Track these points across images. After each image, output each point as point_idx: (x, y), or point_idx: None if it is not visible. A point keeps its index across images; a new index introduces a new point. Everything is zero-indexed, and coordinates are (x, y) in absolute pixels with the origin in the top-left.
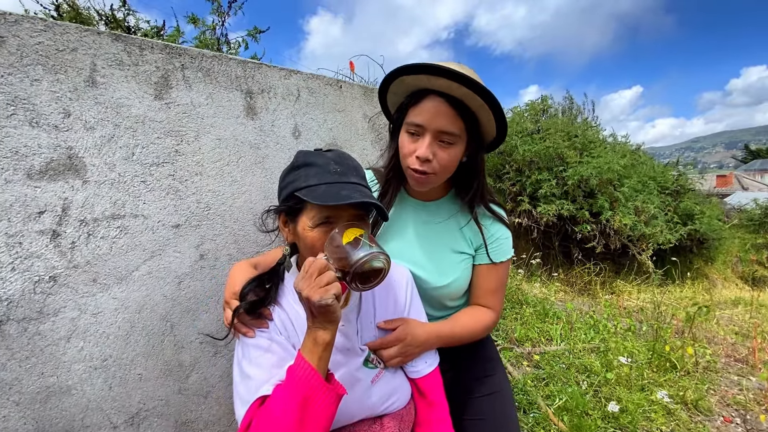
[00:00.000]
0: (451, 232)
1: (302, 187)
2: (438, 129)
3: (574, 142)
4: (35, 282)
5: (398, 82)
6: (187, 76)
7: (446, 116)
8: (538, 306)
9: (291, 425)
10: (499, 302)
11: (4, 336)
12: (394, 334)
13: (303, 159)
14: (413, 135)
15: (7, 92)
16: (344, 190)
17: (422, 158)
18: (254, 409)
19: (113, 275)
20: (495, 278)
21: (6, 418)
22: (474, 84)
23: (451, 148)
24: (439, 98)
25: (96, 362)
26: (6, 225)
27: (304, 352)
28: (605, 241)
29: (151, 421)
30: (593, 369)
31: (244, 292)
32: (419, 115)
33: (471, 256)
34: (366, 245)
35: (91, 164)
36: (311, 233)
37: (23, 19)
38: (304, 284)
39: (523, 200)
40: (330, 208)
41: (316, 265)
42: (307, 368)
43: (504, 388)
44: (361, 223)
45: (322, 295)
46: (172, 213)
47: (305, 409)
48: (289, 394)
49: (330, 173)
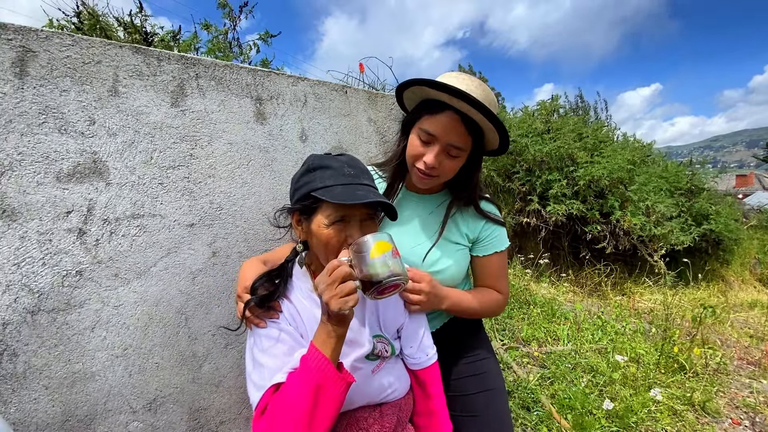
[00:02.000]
0: (447, 224)
1: (319, 187)
2: (449, 142)
3: (586, 142)
4: (63, 276)
5: (416, 90)
6: (201, 84)
7: (458, 133)
8: (545, 306)
9: (305, 410)
10: (504, 286)
11: (35, 325)
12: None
13: (318, 162)
14: (423, 141)
15: (39, 102)
16: (359, 191)
17: (429, 165)
18: (269, 394)
19: (133, 270)
20: (495, 267)
21: (36, 401)
22: (490, 114)
23: (457, 159)
24: (456, 115)
25: (117, 351)
26: (38, 223)
27: (317, 343)
28: (615, 241)
29: (167, 407)
30: (599, 369)
31: (254, 286)
32: (433, 125)
33: (466, 248)
34: (389, 264)
35: (114, 168)
36: (326, 231)
37: (53, 35)
38: (326, 289)
39: (533, 200)
40: (345, 208)
41: (340, 272)
42: (321, 358)
43: (498, 385)
44: (372, 223)
45: (341, 306)
46: (186, 213)
47: (318, 395)
48: (303, 382)
49: (344, 175)
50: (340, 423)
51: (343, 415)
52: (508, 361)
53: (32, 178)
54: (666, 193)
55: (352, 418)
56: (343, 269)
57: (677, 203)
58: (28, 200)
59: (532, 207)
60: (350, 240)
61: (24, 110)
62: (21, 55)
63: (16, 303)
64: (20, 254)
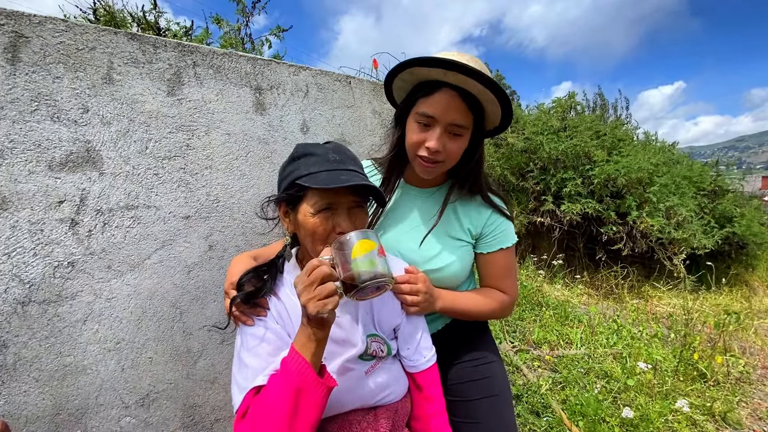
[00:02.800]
0: (448, 219)
1: (303, 174)
2: (450, 122)
3: (603, 140)
4: (55, 267)
5: (408, 73)
6: (199, 73)
7: (458, 109)
8: (558, 309)
9: (285, 414)
10: (510, 286)
11: (26, 316)
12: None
13: (302, 150)
14: (423, 125)
15: (32, 89)
16: (343, 175)
17: (433, 149)
18: (250, 397)
19: (126, 263)
20: (501, 264)
21: (26, 393)
22: (489, 81)
23: (460, 139)
24: (453, 91)
25: (110, 344)
26: (29, 213)
27: (297, 345)
28: (632, 243)
29: (161, 403)
30: (613, 375)
31: (241, 282)
32: (431, 106)
33: (469, 244)
34: (373, 265)
35: (108, 157)
36: (312, 220)
37: (46, 20)
38: (304, 290)
39: (547, 199)
40: (330, 195)
41: (319, 273)
42: (301, 362)
43: (503, 391)
44: (361, 211)
45: (319, 309)
46: (182, 205)
47: (298, 399)
48: (283, 386)
49: (329, 161)
50: (332, 426)
51: (336, 417)
52: (518, 364)
53: (24, 166)
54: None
55: (345, 422)
56: (322, 269)
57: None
58: (20, 189)
59: (547, 207)
60: (338, 229)
61: (16, 97)
62: (13, 40)
63: (6, 293)
64: (11, 244)
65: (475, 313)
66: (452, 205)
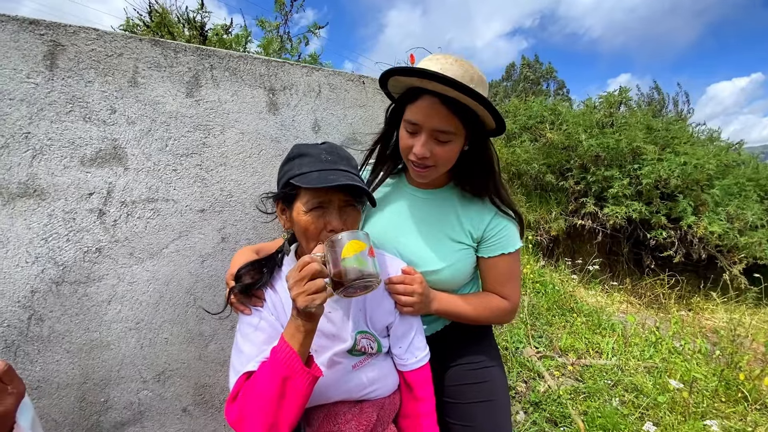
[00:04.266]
0: (449, 220)
1: (296, 174)
2: (433, 128)
3: (655, 136)
4: (84, 252)
5: (393, 81)
6: (215, 75)
7: (440, 115)
8: (591, 315)
9: (271, 400)
10: (512, 292)
11: (59, 295)
12: (410, 276)
13: (297, 150)
14: (410, 132)
15: (67, 92)
16: (333, 175)
17: (419, 156)
18: (242, 381)
19: (147, 251)
20: (503, 270)
21: (58, 362)
22: (463, 88)
23: (448, 144)
24: (434, 98)
25: (130, 324)
26: (63, 203)
27: (286, 336)
28: (686, 250)
29: (175, 380)
30: (643, 389)
31: (239, 273)
32: (414, 113)
33: (470, 248)
34: (361, 265)
35: (132, 154)
36: (304, 217)
37: (80, 30)
38: (294, 285)
39: (587, 201)
40: (322, 194)
41: (310, 269)
42: (289, 351)
43: (500, 397)
44: (353, 210)
45: (308, 303)
46: (198, 199)
47: (285, 386)
48: (271, 373)
49: (321, 161)
50: (318, 415)
51: (322, 407)
52: (541, 370)
53: (60, 161)
54: (752, 197)
55: (331, 412)
56: (313, 266)
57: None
58: (56, 182)
59: (588, 209)
60: (329, 227)
61: (53, 99)
62: (51, 48)
63: (43, 273)
64: (48, 230)
65: (472, 317)
66: (454, 207)
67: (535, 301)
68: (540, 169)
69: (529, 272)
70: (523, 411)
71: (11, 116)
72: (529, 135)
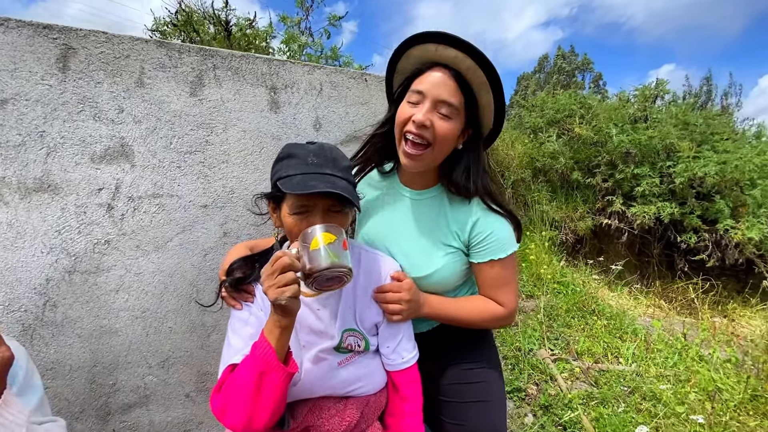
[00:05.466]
0: (439, 223)
1: (282, 176)
2: (438, 98)
3: (692, 132)
4: (94, 244)
5: (405, 58)
6: (218, 75)
7: (447, 87)
8: (614, 319)
9: (249, 393)
10: (507, 298)
11: (71, 283)
12: (398, 283)
13: (286, 151)
14: (413, 104)
15: (78, 93)
16: (314, 180)
17: (419, 123)
18: (227, 373)
19: (152, 243)
20: (495, 276)
21: (71, 346)
22: (479, 56)
23: (449, 121)
24: (444, 69)
25: (137, 312)
26: (75, 198)
27: (265, 331)
28: (721, 254)
29: (178, 367)
30: (663, 399)
31: (231, 268)
32: (421, 83)
33: (458, 251)
34: (330, 256)
35: (138, 151)
36: (289, 219)
37: (90, 33)
38: (266, 278)
39: (615, 199)
40: (305, 198)
41: (281, 263)
42: (267, 347)
43: (496, 398)
44: (339, 214)
45: (277, 296)
46: (201, 195)
47: (261, 381)
48: (250, 367)
49: (307, 164)
50: (303, 409)
51: (306, 401)
52: (554, 373)
53: (71, 158)
54: None
55: (315, 406)
56: (283, 260)
57: None
58: (68, 177)
59: (615, 208)
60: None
61: (66, 100)
62: (64, 51)
63: (57, 263)
64: (61, 223)
65: (464, 321)
66: (443, 209)
67: (554, 301)
68: (567, 165)
69: (550, 272)
70: (532, 414)
71: (27, 116)
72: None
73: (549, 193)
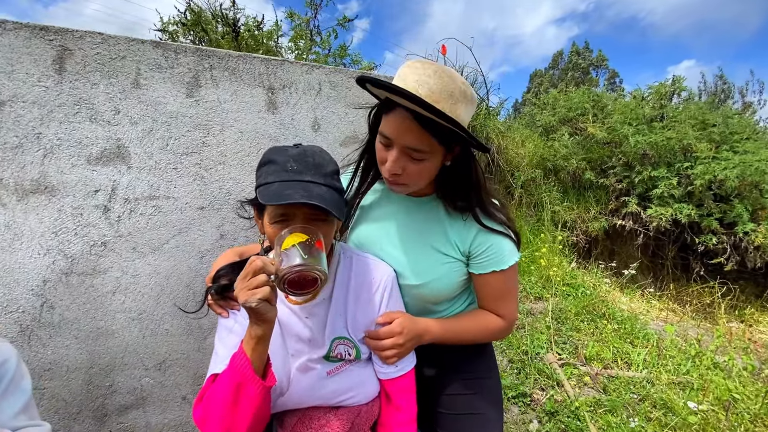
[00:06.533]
0: (436, 231)
1: (262, 184)
2: (405, 145)
3: (711, 132)
4: (91, 245)
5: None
6: (215, 75)
7: (412, 132)
8: (625, 323)
9: (227, 405)
10: (507, 310)
11: (68, 285)
12: (389, 327)
13: (267, 156)
14: (384, 145)
15: (75, 95)
16: (290, 189)
17: (391, 172)
18: (209, 383)
19: (149, 245)
20: (496, 287)
21: (68, 347)
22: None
23: (422, 163)
24: (406, 113)
25: (133, 314)
26: (72, 199)
27: (244, 342)
28: (740, 257)
29: (174, 369)
30: (674, 407)
31: (218, 275)
32: (387, 127)
33: (458, 261)
34: (300, 254)
35: (134, 153)
36: (269, 229)
37: (86, 35)
38: (238, 282)
39: (630, 201)
40: (283, 206)
41: (253, 266)
42: (243, 358)
43: (491, 411)
44: (322, 224)
45: (247, 298)
46: (197, 197)
47: (238, 392)
48: (227, 378)
49: (286, 171)
50: (292, 419)
51: (296, 411)
52: (561, 378)
53: (68, 160)
54: None
55: (305, 416)
56: (255, 263)
57: None
58: (65, 179)
59: (630, 209)
60: None
61: (62, 102)
62: (60, 53)
63: (54, 265)
64: (57, 224)
65: (468, 339)
66: (441, 217)
67: (563, 304)
68: (579, 165)
69: (559, 273)
70: (537, 420)
71: (24, 118)
72: (568, 128)
73: (560, 194)
